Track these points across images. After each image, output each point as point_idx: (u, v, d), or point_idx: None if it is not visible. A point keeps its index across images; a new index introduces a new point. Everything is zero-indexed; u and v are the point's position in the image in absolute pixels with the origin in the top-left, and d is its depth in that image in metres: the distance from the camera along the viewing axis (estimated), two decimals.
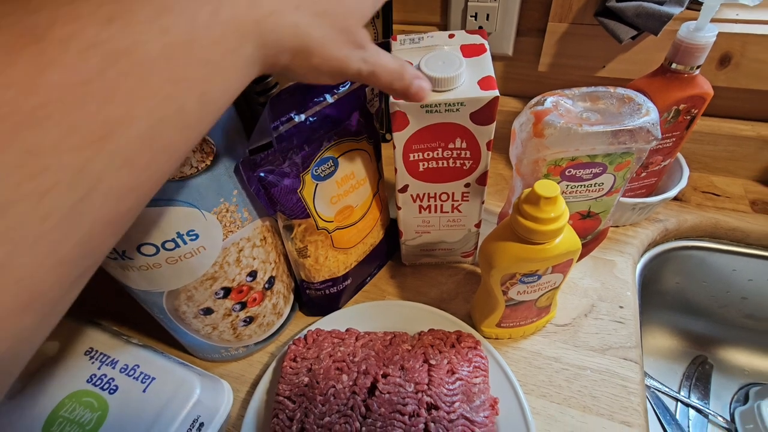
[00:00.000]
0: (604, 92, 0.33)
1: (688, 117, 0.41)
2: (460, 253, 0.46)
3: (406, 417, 0.31)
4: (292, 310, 0.44)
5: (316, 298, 0.43)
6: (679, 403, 0.54)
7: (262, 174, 0.32)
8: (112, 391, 0.32)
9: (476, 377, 0.34)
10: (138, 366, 0.34)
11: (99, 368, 0.34)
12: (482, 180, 0.38)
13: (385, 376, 0.34)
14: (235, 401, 0.38)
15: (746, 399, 0.53)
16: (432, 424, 0.31)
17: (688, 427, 0.52)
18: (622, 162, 0.34)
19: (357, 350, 0.36)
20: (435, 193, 0.39)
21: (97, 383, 0.33)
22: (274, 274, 0.38)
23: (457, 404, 0.32)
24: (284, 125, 0.31)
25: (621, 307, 0.42)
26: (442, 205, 0.40)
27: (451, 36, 0.36)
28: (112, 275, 0.31)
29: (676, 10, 0.41)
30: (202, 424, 0.32)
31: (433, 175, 0.38)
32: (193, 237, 0.29)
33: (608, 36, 0.46)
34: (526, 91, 0.57)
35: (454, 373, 0.34)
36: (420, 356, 0.35)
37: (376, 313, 0.41)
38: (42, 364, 0.34)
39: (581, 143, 0.31)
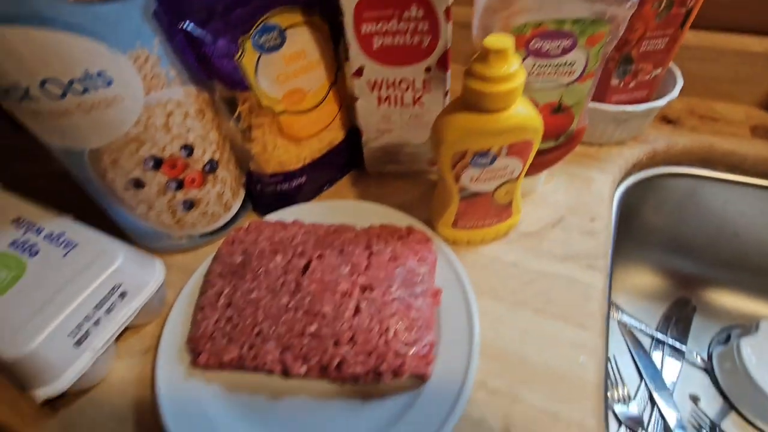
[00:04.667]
0: None
1: (684, 9, 0.37)
2: (425, 160, 0.43)
3: (338, 295, 0.29)
4: (243, 208, 0.41)
5: (268, 195, 0.41)
6: (654, 341, 0.51)
7: (189, 27, 0.29)
8: (32, 255, 0.31)
9: (420, 267, 0.32)
10: (64, 233, 0.32)
11: (23, 234, 0.32)
12: (443, 63, 0.34)
13: (320, 257, 0.31)
14: (175, 289, 0.37)
15: (727, 340, 0.50)
16: (364, 303, 0.29)
17: (662, 364, 0.49)
18: (594, 33, 0.30)
19: (297, 235, 0.34)
20: (394, 80, 0.36)
21: (18, 247, 0.31)
22: (216, 158, 0.36)
23: (393, 288, 0.30)
24: None
25: (592, 219, 0.39)
26: (402, 96, 0.37)
27: None
28: (32, 132, 0.29)
29: None
30: (125, 293, 0.30)
31: (389, 55, 0.34)
32: (106, 81, 0.27)
33: None
34: None
35: (396, 260, 0.32)
36: (362, 243, 0.33)
37: (330, 211, 0.39)
38: None
39: (536, 3, 0.28)
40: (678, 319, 0.53)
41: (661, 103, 0.41)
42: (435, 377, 0.28)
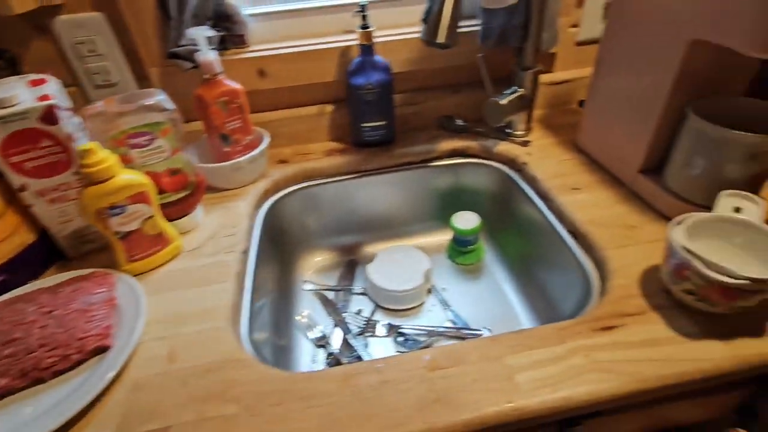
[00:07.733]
0: (137, 92, 0.55)
1: (236, 104, 0.67)
2: None
3: (26, 324, 0.43)
4: None
5: None
6: (336, 292, 0.78)
7: None
8: None
9: (99, 288, 0.49)
10: None
11: None
12: None
13: (9, 310, 0.45)
14: None
15: None
16: (49, 321, 0.44)
17: (341, 301, 0.76)
18: (162, 129, 0.55)
19: None
20: (57, 186, 0.54)
21: None
22: None
23: (73, 305, 0.46)
24: None
25: (234, 227, 0.64)
26: (67, 194, 0.55)
27: (22, 77, 0.53)
28: None
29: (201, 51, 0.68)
30: None
31: (43, 171, 0.52)
32: None
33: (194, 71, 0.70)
34: None
35: (77, 291, 0.48)
36: (48, 291, 0.48)
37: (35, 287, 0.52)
38: None
39: (117, 120, 0.51)
40: (347, 272, 0.82)
41: (256, 152, 0.70)
42: (118, 345, 0.45)
